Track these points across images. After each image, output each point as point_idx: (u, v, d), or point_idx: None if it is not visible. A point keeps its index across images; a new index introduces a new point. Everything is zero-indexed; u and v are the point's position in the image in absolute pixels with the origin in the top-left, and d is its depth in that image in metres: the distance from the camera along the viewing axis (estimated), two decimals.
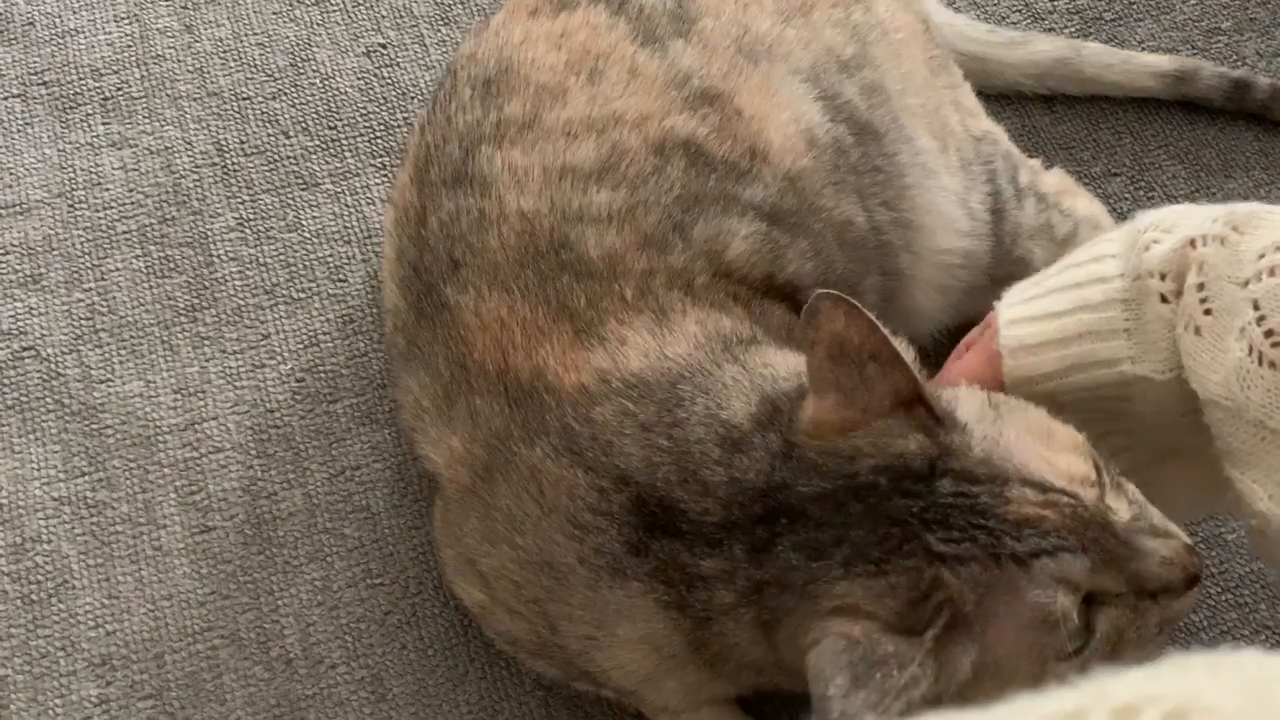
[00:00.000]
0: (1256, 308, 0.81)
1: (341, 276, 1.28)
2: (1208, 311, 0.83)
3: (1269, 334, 0.81)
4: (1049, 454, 0.85)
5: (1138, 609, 0.84)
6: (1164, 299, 0.87)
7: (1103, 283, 0.90)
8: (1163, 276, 0.86)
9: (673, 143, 1.03)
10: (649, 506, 0.89)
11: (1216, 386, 0.82)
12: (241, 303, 1.27)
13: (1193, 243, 0.85)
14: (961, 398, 0.88)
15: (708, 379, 0.93)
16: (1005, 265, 1.17)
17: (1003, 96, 1.38)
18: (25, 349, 1.23)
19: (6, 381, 1.22)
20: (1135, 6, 1.48)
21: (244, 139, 1.36)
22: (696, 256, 0.99)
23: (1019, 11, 1.47)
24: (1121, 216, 1.22)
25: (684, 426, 0.91)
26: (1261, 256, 0.82)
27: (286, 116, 1.37)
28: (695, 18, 1.09)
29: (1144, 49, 1.44)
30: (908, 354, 0.85)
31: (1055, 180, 1.26)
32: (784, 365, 0.93)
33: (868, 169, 1.10)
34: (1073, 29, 1.46)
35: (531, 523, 0.94)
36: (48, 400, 1.21)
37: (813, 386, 0.87)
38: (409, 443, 1.09)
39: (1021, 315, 0.93)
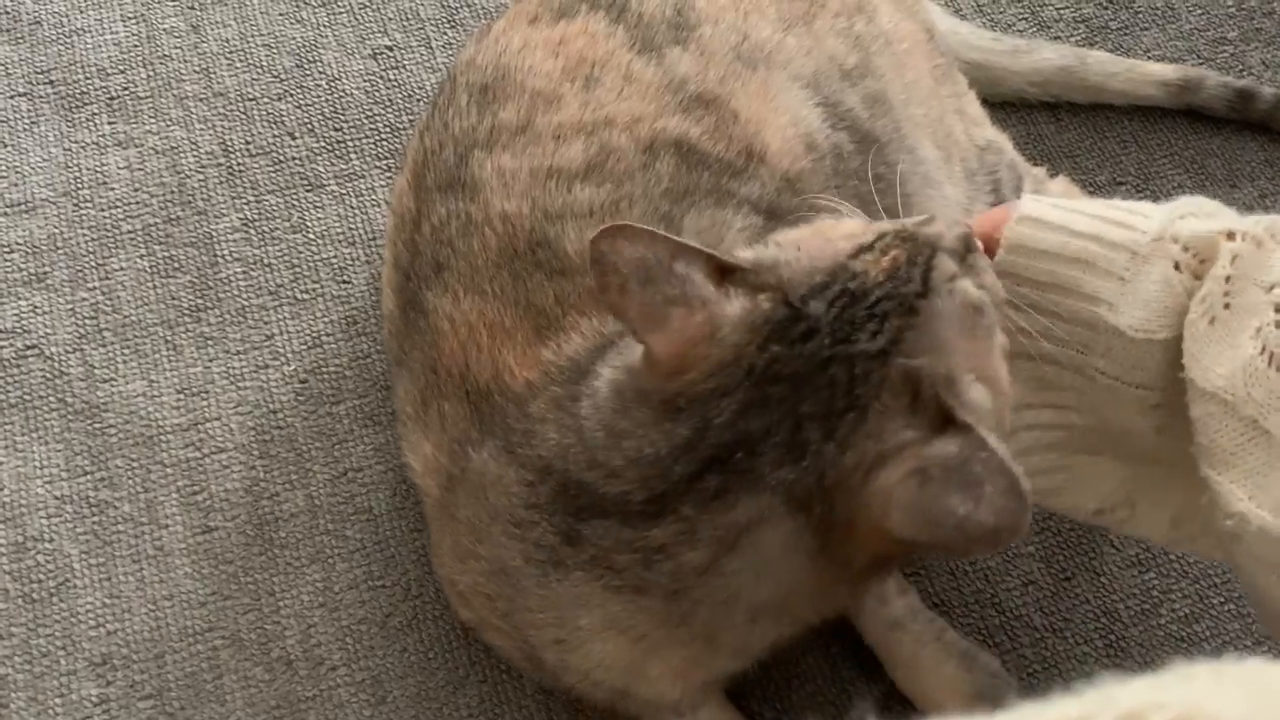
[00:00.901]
0: (1278, 311, 0.84)
1: (346, 278, 1.28)
2: (1227, 305, 0.86)
3: None
4: (834, 235, 0.86)
5: (966, 265, 0.86)
6: (1178, 267, 0.88)
7: (1126, 229, 0.91)
8: (1185, 248, 0.88)
9: (663, 141, 1.02)
10: (570, 491, 0.86)
11: (1220, 379, 0.84)
12: (245, 303, 1.27)
13: (1230, 234, 0.88)
14: (744, 252, 0.86)
15: (612, 349, 0.90)
16: None
17: (1007, 105, 1.39)
18: (29, 347, 1.23)
19: (10, 380, 1.22)
20: (1141, 15, 1.48)
21: (249, 140, 1.36)
22: None
23: (1025, 19, 1.47)
24: None
25: (580, 400, 0.87)
26: None
27: (292, 118, 1.38)
28: (694, 25, 1.09)
29: (1149, 58, 1.44)
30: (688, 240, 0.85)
31: (1060, 188, 1.27)
32: None
33: (868, 176, 1.10)
34: (1078, 37, 1.46)
35: (484, 529, 0.92)
36: (51, 399, 1.21)
37: (645, 329, 0.83)
38: (401, 450, 1.09)
39: (1042, 212, 0.94)
